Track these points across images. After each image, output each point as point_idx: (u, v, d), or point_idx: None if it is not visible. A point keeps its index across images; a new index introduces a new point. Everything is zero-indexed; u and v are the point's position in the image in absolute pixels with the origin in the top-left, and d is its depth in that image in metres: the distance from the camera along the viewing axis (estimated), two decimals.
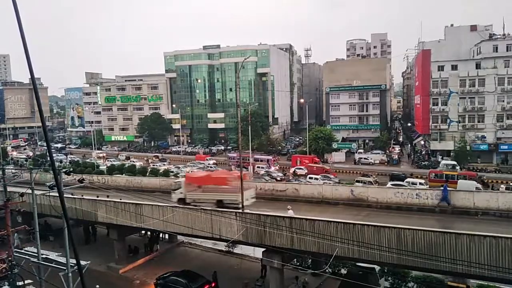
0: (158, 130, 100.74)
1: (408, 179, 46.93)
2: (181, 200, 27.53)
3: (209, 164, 71.01)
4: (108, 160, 78.81)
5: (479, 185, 39.66)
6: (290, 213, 23.46)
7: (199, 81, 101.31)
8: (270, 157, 71.48)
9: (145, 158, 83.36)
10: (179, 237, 34.68)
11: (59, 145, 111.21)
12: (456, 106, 66.57)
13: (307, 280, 25.77)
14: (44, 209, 29.69)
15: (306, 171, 60.72)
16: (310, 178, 52.35)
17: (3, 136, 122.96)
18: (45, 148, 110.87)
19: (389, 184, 42.09)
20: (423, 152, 72.42)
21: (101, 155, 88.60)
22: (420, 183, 43.36)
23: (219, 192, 26.71)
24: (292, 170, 63.40)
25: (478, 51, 68.57)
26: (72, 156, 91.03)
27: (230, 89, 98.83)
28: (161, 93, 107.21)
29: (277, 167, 68.07)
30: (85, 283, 5.50)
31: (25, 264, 20.36)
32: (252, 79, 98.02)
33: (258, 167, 65.71)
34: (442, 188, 27.40)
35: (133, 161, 75.25)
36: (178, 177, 50.10)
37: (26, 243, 31.96)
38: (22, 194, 21.12)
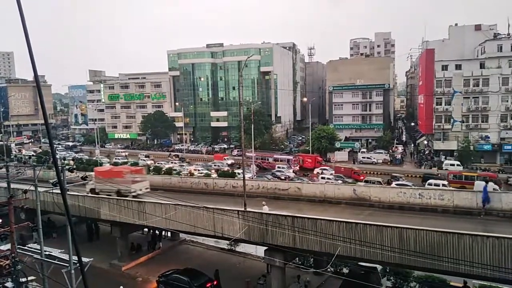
0: (161, 128, 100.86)
1: (430, 181, 45.50)
2: (92, 190, 32.67)
3: (227, 163, 68.67)
4: (116, 158, 78.60)
5: (497, 187, 39.15)
6: (265, 208, 24.49)
7: (202, 79, 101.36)
8: (290, 157, 68.77)
9: (169, 158, 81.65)
10: (182, 235, 34.76)
11: (70, 143, 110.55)
12: (459, 105, 66.28)
13: (309, 279, 25.79)
14: (48, 206, 29.84)
15: (333, 172, 58.10)
16: (323, 178, 50.89)
17: (7, 133, 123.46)
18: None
19: (393, 184, 42.00)
20: (426, 152, 72.23)
21: (123, 154, 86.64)
22: (444, 185, 42.03)
23: (117, 183, 30.70)
24: (317, 171, 59.84)
25: (482, 51, 68.29)
26: (81, 154, 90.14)
27: (233, 88, 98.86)
28: (164, 91, 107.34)
29: (297, 167, 65.52)
30: (86, 280, 5.53)
31: (28, 260, 20.46)
32: (255, 77, 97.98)
33: (278, 167, 63.14)
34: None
35: (143, 160, 74.41)
36: (181, 175, 50.32)
37: (29, 239, 32.13)
38: (25, 191, 21.18)
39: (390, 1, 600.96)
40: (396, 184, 43.75)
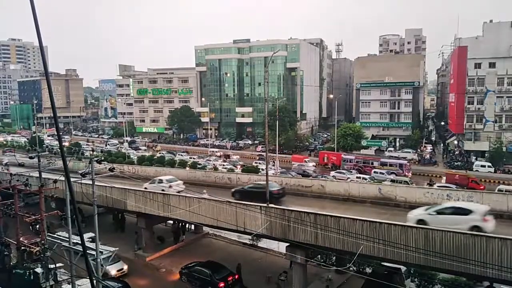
0: (187, 123, 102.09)
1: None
2: None
3: (308, 166, 59.66)
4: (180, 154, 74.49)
5: None
6: (205, 195, 26.13)
7: (228, 75, 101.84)
8: (404, 162, 57.10)
9: (256, 157, 72.76)
10: (205, 229, 35.14)
11: (129, 139, 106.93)
12: (492, 105, 64.06)
13: (331, 277, 25.63)
14: (76, 196, 30.72)
15: (444, 180, 49.09)
16: (358, 177, 48.43)
17: (40, 125, 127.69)
18: (81, 136, 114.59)
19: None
20: (456, 152, 70.21)
21: (218, 154, 76.83)
22: None
23: None
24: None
25: None
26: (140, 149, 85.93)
27: (259, 84, 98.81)
28: (191, 86, 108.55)
29: (410, 174, 54.57)
30: (90, 267, 5.67)
31: (57, 248, 21.18)
32: (281, 73, 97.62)
33: (380, 173, 52.30)
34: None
35: (234, 163, 65.40)
36: (206, 169, 50.75)
37: (58, 228, 33.22)
38: (55, 181, 21.94)
39: None
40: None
